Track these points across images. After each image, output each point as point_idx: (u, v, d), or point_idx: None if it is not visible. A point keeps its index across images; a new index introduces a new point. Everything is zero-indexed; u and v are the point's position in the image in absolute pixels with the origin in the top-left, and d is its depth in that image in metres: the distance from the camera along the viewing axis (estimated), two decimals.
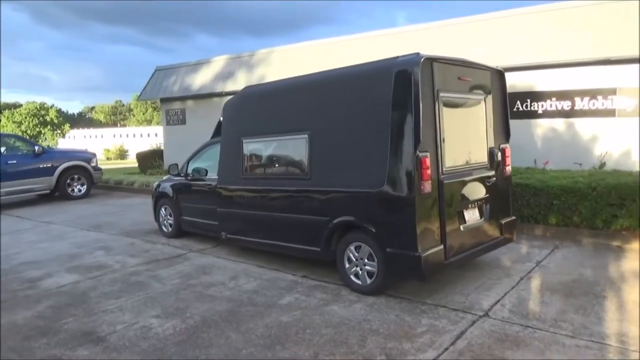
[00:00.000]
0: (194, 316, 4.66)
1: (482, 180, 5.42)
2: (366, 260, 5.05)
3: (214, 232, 7.04)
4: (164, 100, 17.98)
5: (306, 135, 5.45)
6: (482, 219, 5.43)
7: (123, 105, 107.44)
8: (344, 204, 5.13)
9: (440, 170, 4.81)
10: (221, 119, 6.88)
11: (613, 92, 9.77)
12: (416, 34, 12.18)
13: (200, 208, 7.29)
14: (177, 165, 7.62)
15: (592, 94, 9.97)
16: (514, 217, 6.05)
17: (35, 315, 4.83)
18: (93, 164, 13.58)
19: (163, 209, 8.07)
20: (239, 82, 15.20)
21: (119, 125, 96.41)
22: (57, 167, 12.73)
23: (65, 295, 5.39)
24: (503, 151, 5.79)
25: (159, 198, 8.17)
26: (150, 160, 18.51)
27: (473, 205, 5.29)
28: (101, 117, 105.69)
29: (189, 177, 7.50)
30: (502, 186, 5.78)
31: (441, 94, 4.81)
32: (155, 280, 5.81)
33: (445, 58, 4.93)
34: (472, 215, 5.28)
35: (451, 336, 4.09)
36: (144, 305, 5.01)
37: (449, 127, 4.92)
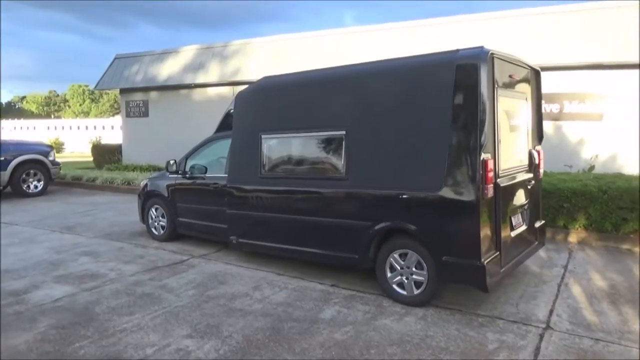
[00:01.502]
0: (234, 335, 4.08)
1: (524, 183, 5.18)
2: (414, 269, 4.67)
3: (218, 236, 6.45)
4: (124, 91, 16.80)
5: (344, 132, 4.98)
6: (524, 224, 5.19)
7: (57, 95, 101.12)
8: (390, 207, 4.72)
9: (497, 173, 4.50)
10: (230, 111, 6.28)
11: (601, 97, 9.95)
12: (399, 31, 11.95)
13: (201, 209, 6.63)
14: (175, 161, 6.89)
15: (581, 97, 10.12)
16: (544, 221, 5.89)
17: (38, 338, 4.07)
18: (51, 158, 12.36)
19: (153, 210, 7.32)
20: (211, 74, 14.43)
21: (52, 116, 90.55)
22: (11, 160, 11.45)
23: (65, 312, 4.63)
24: (537, 153, 5.59)
25: (148, 197, 7.40)
26: (107, 154, 17.28)
27: (519, 210, 5.05)
28: (33, 108, 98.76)
29: (187, 175, 6.80)
30: (536, 189, 5.59)
31: (498, 92, 4.51)
32: (167, 292, 5.15)
33: (502, 53, 4.63)
34: (517, 221, 5.03)
35: (528, 353, 3.78)
36: (167, 322, 4.36)
37: (503, 127, 4.63)
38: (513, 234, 4.85)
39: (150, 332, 4.16)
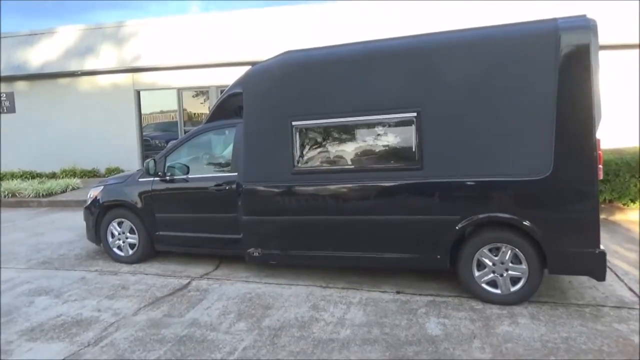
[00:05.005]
0: None
1: None
2: (510, 264, 4.17)
3: (224, 249, 5.30)
4: None
5: (414, 114, 4.24)
6: None
7: None
8: (482, 197, 4.14)
9: None
10: (232, 92, 5.08)
11: None
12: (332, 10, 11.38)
13: (196, 218, 5.32)
14: (154, 162, 5.39)
15: None
16: None
17: None
18: None
19: (115, 225, 5.72)
20: (103, 59, 12.30)
21: None
22: None
23: None
24: None
25: (105, 210, 5.77)
26: None
27: None
28: None
29: (168, 177, 5.40)
30: None
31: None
32: (209, 330, 3.93)
33: None
34: None
35: None
36: None
37: None
38: None
39: None
